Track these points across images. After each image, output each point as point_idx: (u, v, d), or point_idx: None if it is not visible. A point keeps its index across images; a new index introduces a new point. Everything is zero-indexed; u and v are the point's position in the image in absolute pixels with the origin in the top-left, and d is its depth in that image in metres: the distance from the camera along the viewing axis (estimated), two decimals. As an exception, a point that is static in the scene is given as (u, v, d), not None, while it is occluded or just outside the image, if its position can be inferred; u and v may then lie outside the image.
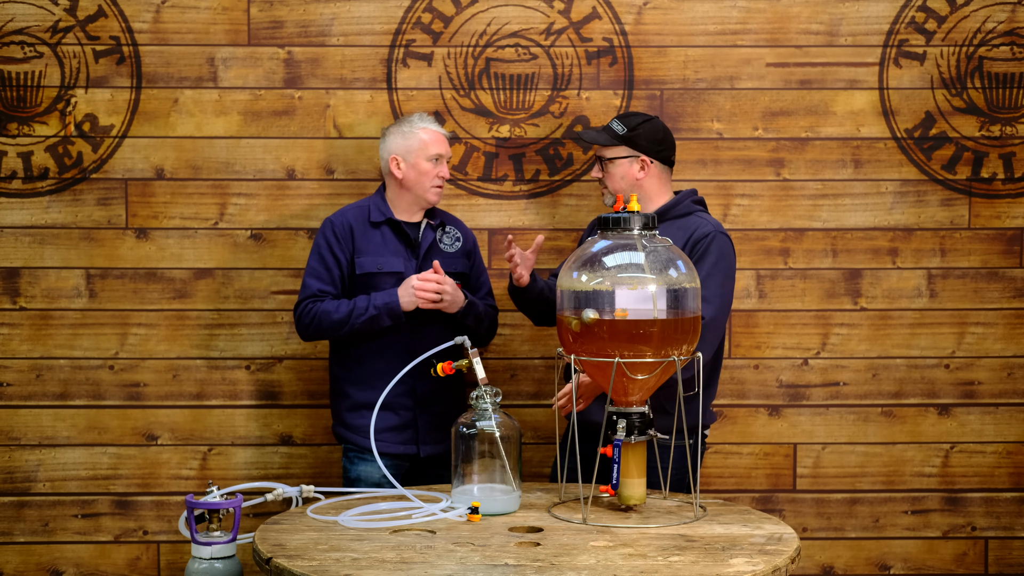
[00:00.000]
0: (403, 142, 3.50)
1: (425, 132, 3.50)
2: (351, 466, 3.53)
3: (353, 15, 3.86)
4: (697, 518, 2.79)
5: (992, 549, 4.01)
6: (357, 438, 3.49)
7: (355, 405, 3.49)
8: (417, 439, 3.50)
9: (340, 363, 3.54)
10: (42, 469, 3.90)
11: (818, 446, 3.98)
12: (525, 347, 3.93)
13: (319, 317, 3.43)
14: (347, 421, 3.52)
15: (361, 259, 3.48)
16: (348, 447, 3.54)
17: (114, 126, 3.84)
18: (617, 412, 2.80)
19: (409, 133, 3.50)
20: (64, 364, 3.88)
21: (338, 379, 3.55)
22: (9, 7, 3.81)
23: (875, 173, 3.93)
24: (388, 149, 3.52)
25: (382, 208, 3.53)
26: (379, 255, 3.49)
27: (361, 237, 3.49)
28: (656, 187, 3.40)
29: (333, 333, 3.45)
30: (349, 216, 3.53)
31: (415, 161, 3.48)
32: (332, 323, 3.42)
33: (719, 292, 3.24)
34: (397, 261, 3.49)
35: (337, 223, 3.51)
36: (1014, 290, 3.96)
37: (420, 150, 3.48)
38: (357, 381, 3.49)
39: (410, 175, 3.49)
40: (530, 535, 2.65)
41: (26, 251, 3.86)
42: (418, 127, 3.51)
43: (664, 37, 3.90)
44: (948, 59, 3.91)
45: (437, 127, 3.54)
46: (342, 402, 3.54)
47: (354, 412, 3.50)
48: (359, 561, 2.44)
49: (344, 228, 3.50)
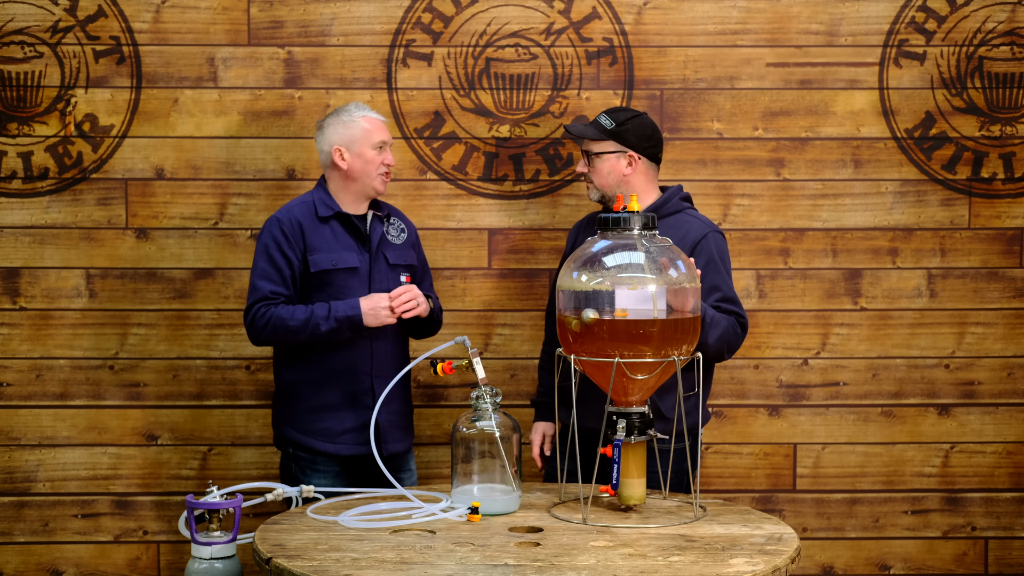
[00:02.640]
0: (344, 131, 3.40)
1: (366, 120, 3.40)
2: (302, 476, 3.36)
3: (353, 15, 3.86)
4: (697, 518, 2.79)
5: (992, 549, 4.01)
6: (317, 443, 3.35)
7: (312, 407, 3.36)
8: (379, 438, 3.31)
9: (287, 363, 3.41)
10: (42, 469, 3.90)
11: (818, 446, 3.98)
12: (525, 347, 3.93)
13: (274, 323, 3.28)
14: (303, 425, 3.36)
15: (314, 256, 3.35)
16: (297, 454, 3.39)
17: (114, 126, 3.84)
18: (617, 412, 2.80)
19: (350, 122, 3.40)
20: (64, 364, 3.89)
21: (289, 381, 3.40)
22: (9, 7, 3.81)
23: (875, 173, 3.93)
24: (329, 141, 3.41)
25: (328, 202, 3.40)
26: (332, 251, 3.36)
27: (311, 234, 3.36)
28: (643, 184, 3.38)
29: (288, 340, 3.30)
30: (296, 213, 3.38)
31: (360, 150, 3.38)
32: (288, 330, 3.27)
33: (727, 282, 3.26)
34: (351, 256, 3.37)
35: (285, 220, 3.36)
36: (1014, 290, 3.97)
37: (363, 138, 3.38)
38: (312, 382, 3.36)
39: (355, 165, 3.39)
40: (530, 535, 2.65)
41: (26, 251, 3.86)
42: (358, 115, 3.41)
43: (664, 37, 3.90)
44: (948, 59, 3.91)
45: (376, 115, 3.44)
46: (295, 404, 3.39)
47: (312, 415, 3.35)
48: (359, 561, 2.44)
49: (293, 226, 3.35)
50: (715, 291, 3.22)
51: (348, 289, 3.35)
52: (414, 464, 3.60)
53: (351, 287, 3.36)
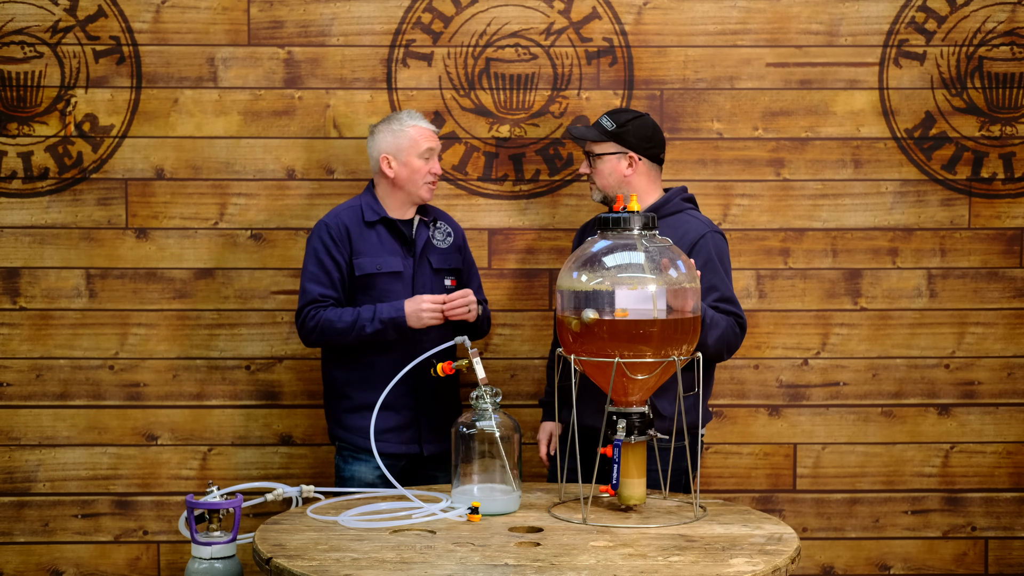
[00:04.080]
0: (393, 140, 3.47)
1: (415, 129, 3.47)
2: (345, 465, 3.51)
3: (353, 15, 3.86)
4: (697, 518, 2.79)
5: (992, 549, 4.01)
6: (357, 439, 3.47)
7: (356, 406, 3.47)
8: (419, 438, 3.49)
9: (339, 365, 3.51)
10: (42, 469, 3.90)
11: (818, 446, 3.98)
12: (525, 347, 3.93)
13: (323, 325, 3.39)
14: (346, 423, 3.50)
15: (359, 260, 3.45)
16: (343, 446, 3.52)
17: (114, 126, 3.84)
18: (617, 412, 2.80)
19: (399, 131, 3.47)
20: (64, 364, 3.88)
21: (337, 381, 3.52)
22: (9, 7, 3.81)
23: (875, 173, 3.93)
24: (378, 148, 3.49)
25: (375, 207, 3.49)
26: (377, 255, 3.46)
27: (358, 238, 3.46)
28: (645, 184, 3.39)
29: (337, 342, 3.41)
30: (344, 217, 3.48)
31: (407, 159, 3.46)
32: (336, 332, 3.38)
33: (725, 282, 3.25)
34: (395, 260, 3.46)
35: (332, 225, 3.47)
36: (1014, 290, 3.96)
37: (411, 147, 3.46)
38: (359, 382, 3.46)
39: (402, 173, 3.47)
40: (530, 535, 2.65)
41: (26, 251, 3.86)
42: (408, 124, 3.48)
43: (664, 37, 3.90)
44: (948, 59, 3.91)
45: (426, 123, 3.51)
46: (341, 404, 3.51)
47: (355, 413, 3.47)
48: (359, 561, 2.44)
49: (340, 230, 3.46)
50: (713, 291, 3.22)
51: (391, 293, 3.44)
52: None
53: (394, 291, 3.45)
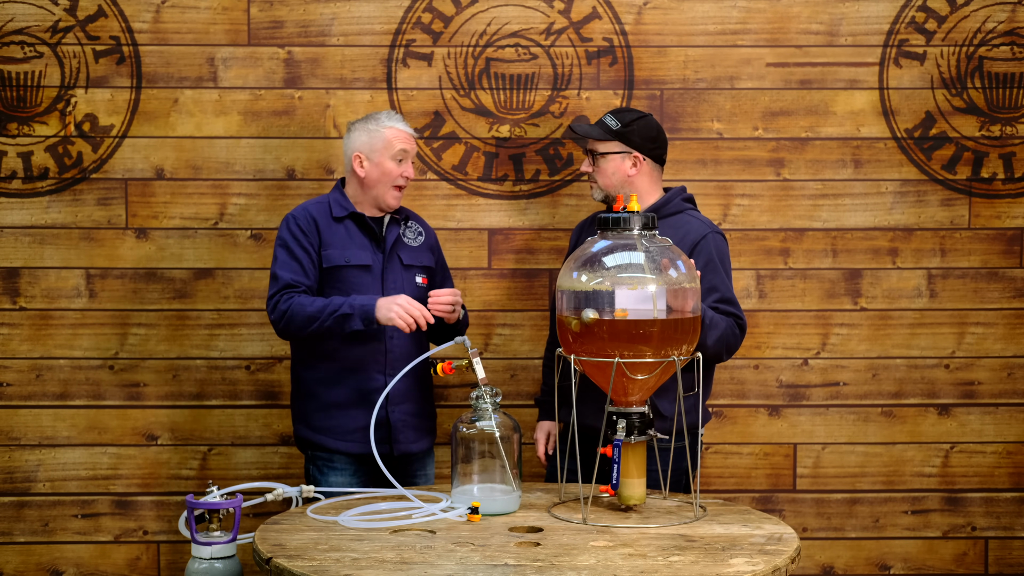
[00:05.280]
0: (368, 139, 3.40)
1: (390, 131, 3.40)
2: (320, 476, 3.38)
3: (353, 15, 3.86)
4: (697, 518, 2.79)
5: (992, 549, 4.01)
6: (326, 440, 3.36)
7: (324, 405, 3.37)
8: (391, 438, 3.38)
9: (304, 362, 3.41)
10: (42, 469, 3.90)
11: (818, 446, 3.98)
12: (525, 347, 3.93)
13: (293, 309, 3.26)
14: (315, 423, 3.38)
15: (328, 252, 3.36)
16: (316, 454, 3.40)
17: (114, 126, 3.84)
18: (617, 412, 2.80)
19: (374, 131, 3.40)
20: (64, 364, 3.89)
21: (305, 381, 3.40)
22: (9, 7, 3.81)
23: (875, 173, 3.93)
24: (352, 146, 3.42)
25: (343, 203, 3.42)
26: (345, 248, 3.38)
27: (326, 230, 3.38)
28: (647, 185, 3.39)
29: (304, 328, 3.27)
30: (312, 211, 3.40)
31: (379, 160, 3.39)
32: (305, 316, 3.25)
33: (726, 283, 3.25)
34: (364, 254, 3.38)
35: (300, 216, 3.38)
36: (1014, 290, 3.97)
37: (384, 148, 3.39)
38: (325, 380, 3.37)
39: (373, 174, 3.39)
40: (530, 535, 2.65)
41: (26, 251, 3.86)
42: (384, 125, 3.41)
43: (664, 37, 3.90)
44: (948, 59, 3.91)
45: (404, 125, 3.44)
46: (308, 403, 3.39)
47: (323, 413, 3.37)
48: (359, 561, 2.44)
49: (308, 221, 3.37)
50: (713, 292, 3.22)
51: (361, 286, 3.36)
52: (433, 468, 3.55)
53: (364, 284, 3.37)
